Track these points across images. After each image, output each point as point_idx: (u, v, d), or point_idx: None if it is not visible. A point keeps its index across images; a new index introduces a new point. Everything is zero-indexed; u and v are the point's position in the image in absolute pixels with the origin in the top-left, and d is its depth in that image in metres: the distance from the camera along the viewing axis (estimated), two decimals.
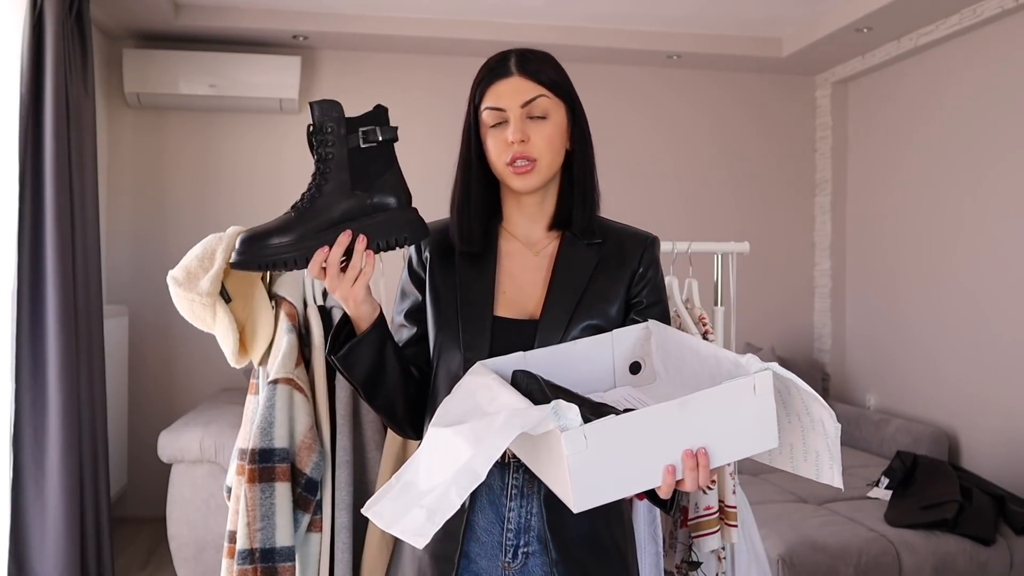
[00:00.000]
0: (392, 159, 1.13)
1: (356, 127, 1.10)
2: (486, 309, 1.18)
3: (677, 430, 0.92)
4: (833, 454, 0.95)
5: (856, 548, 2.65)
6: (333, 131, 1.09)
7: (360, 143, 1.10)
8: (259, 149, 4.15)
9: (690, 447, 0.92)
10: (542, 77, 1.18)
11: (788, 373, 0.95)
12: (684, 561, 1.81)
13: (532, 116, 1.16)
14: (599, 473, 0.89)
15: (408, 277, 1.28)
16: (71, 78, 2.80)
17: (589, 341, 1.14)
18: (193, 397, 4.02)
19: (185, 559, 2.95)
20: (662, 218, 4.37)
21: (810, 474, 0.97)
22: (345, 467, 1.67)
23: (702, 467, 0.92)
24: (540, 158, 1.16)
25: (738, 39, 4.20)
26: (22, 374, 2.63)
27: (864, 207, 4.40)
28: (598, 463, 0.88)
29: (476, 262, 1.22)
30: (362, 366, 1.15)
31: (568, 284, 1.19)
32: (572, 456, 0.87)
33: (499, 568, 1.14)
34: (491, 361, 1.11)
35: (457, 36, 3.96)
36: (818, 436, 0.96)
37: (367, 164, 1.11)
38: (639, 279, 1.23)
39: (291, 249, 1.06)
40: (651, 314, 1.21)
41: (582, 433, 0.87)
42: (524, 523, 1.14)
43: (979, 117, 3.58)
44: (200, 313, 1.64)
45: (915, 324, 3.97)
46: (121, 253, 4.01)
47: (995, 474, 3.36)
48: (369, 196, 1.10)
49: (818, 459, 0.96)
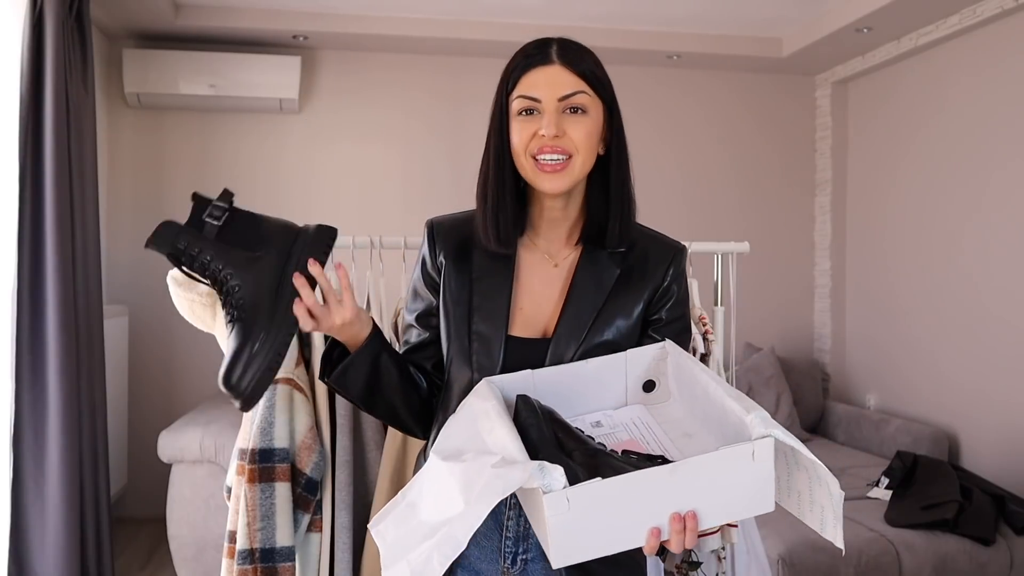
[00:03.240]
0: (252, 213, 1.07)
1: (200, 222, 1.03)
2: (500, 330, 1.13)
3: (666, 494, 0.89)
4: (836, 515, 0.91)
5: (856, 548, 2.65)
6: (187, 244, 1.02)
7: (217, 225, 1.03)
8: (259, 149, 4.15)
9: (679, 510, 0.89)
10: (584, 70, 1.10)
11: (792, 440, 0.90)
12: (684, 561, 1.81)
13: (569, 109, 1.08)
14: (580, 532, 0.87)
15: (421, 277, 1.22)
16: (71, 78, 2.80)
17: (601, 361, 1.10)
18: (193, 397, 4.01)
19: (185, 559, 2.95)
20: (662, 218, 4.34)
21: (815, 526, 0.94)
22: (345, 467, 1.67)
23: (689, 531, 0.89)
24: (576, 155, 1.08)
25: (738, 39, 4.20)
26: (22, 374, 2.63)
27: (864, 207, 4.40)
28: (580, 523, 0.87)
29: (494, 271, 1.15)
30: (357, 383, 1.12)
31: (584, 301, 1.13)
32: (552, 518, 0.85)
33: (499, 573, 1.12)
34: (498, 378, 1.08)
35: (457, 36, 3.96)
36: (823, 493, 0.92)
37: (241, 232, 1.04)
38: (662, 294, 1.16)
39: (278, 344, 1.00)
40: (670, 331, 1.16)
41: (565, 496, 0.85)
42: (523, 531, 1.12)
43: (979, 117, 3.57)
44: (200, 313, 1.64)
45: (915, 324, 3.97)
46: (121, 253, 4.01)
47: (995, 474, 3.36)
48: (272, 246, 1.04)
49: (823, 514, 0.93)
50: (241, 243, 1.03)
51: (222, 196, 1.05)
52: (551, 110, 1.08)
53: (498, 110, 1.12)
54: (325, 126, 4.17)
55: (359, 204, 4.17)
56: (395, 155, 4.23)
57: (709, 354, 1.85)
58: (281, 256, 1.04)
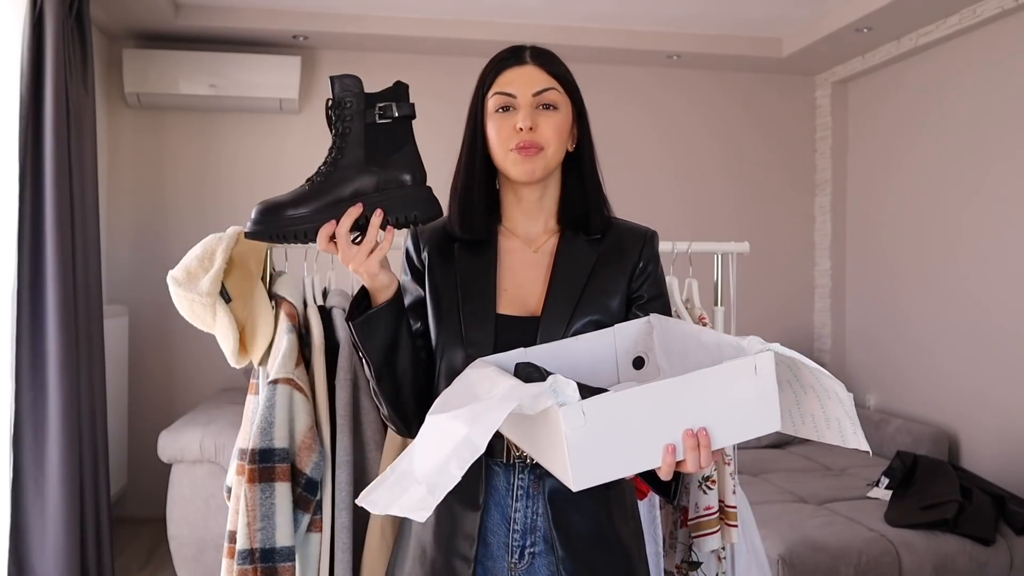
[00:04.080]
0: (408, 136, 1.13)
1: (374, 103, 1.11)
2: (489, 306, 1.18)
3: (677, 408, 0.91)
4: (853, 420, 0.95)
5: (856, 548, 2.65)
6: (351, 106, 1.10)
7: (376, 119, 1.10)
8: (259, 149, 4.15)
9: (691, 426, 0.91)
10: (555, 71, 1.19)
11: (791, 352, 0.95)
12: (684, 561, 1.81)
13: (542, 105, 1.17)
14: (598, 450, 0.88)
15: (407, 271, 1.28)
16: (71, 78, 2.80)
17: (591, 336, 1.13)
18: (193, 397, 4.02)
19: (185, 559, 2.95)
20: (662, 218, 4.34)
21: (836, 440, 0.96)
22: (345, 467, 1.67)
23: (703, 447, 0.91)
24: (547, 146, 1.16)
25: (738, 39, 4.20)
26: (22, 374, 2.63)
27: (864, 207, 4.40)
28: (597, 440, 0.87)
29: (476, 258, 1.21)
30: (379, 338, 1.13)
31: (569, 280, 1.19)
32: (570, 432, 0.86)
33: (505, 569, 1.13)
34: (492, 357, 1.10)
35: (457, 36, 3.96)
36: (835, 404, 0.96)
37: (383, 140, 1.11)
38: (640, 273, 1.22)
39: (305, 221, 1.06)
40: (652, 308, 1.20)
41: (580, 409, 0.86)
42: (530, 523, 1.13)
43: (979, 117, 3.58)
44: (200, 313, 1.64)
45: (915, 324, 3.97)
46: (121, 253, 4.01)
47: (995, 474, 3.36)
48: (384, 172, 1.10)
49: (840, 426, 0.96)
50: (375, 146, 1.10)
51: (405, 106, 1.12)
52: (526, 104, 1.16)
53: (474, 110, 1.22)
54: (325, 126, 4.16)
55: None
56: None
57: None
58: (376, 186, 1.09)
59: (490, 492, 1.14)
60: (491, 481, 1.15)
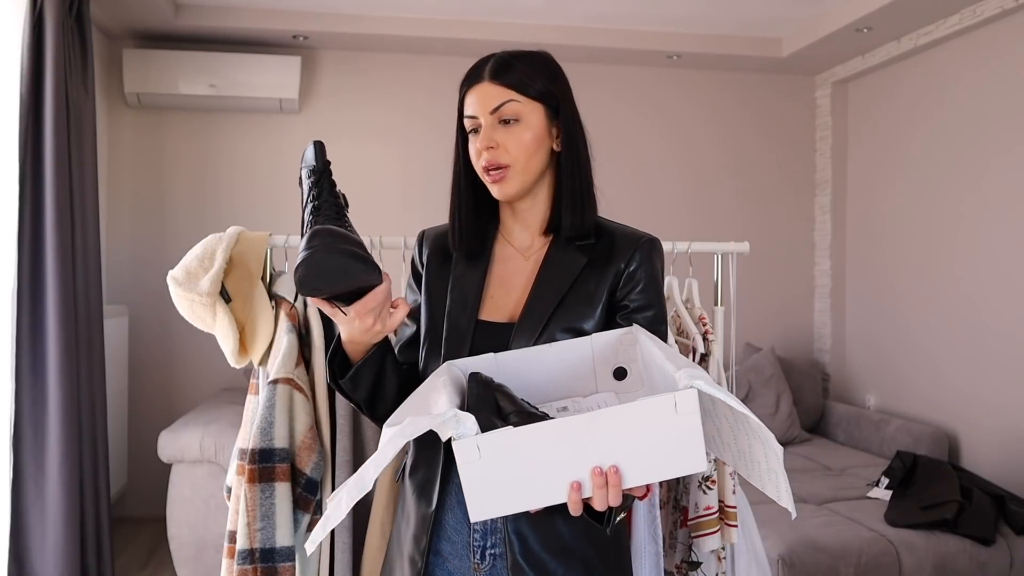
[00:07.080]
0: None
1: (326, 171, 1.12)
2: (471, 313, 1.18)
3: (584, 446, 0.86)
4: (781, 477, 0.87)
5: (856, 548, 2.65)
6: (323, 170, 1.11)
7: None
8: (259, 149, 4.15)
9: (600, 464, 0.87)
10: (512, 80, 1.15)
11: (720, 391, 0.85)
12: (684, 561, 1.81)
13: (503, 120, 1.15)
14: (495, 485, 0.86)
15: (411, 277, 1.30)
16: (71, 78, 2.80)
17: (564, 344, 1.11)
18: (193, 397, 4.02)
19: (185, 559, 2.95)
20: (662, 218, 4.37)
21: (772, 495, 0.89)
22: (345, 467, 1.67)
23: (612, 486, 0.87)
24: (513, 164, 1.15)
25: (738, 39, 4.20)
26: (22, 374, 2.63)
27: (864, 207, 4.40)
28: (494, 474, 0.85)
29: (471, 265, 1.23)
30: (365, 387, 1.15)
31: (550, 287, 1.17)
32: (464, 466, 0.85)
33: (470, 568, 1.13)
34: (460, 361, 1.10)
35: (457, 36, 3.96)
36: (772, 455, 0.87)
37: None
38: (627, 279, 1.17)
39: None
40: (639, 318, 1.16)
41: (475, 444, 0.84)
42: (491, 525, 1.13)
43: (979, 117, 3.58)
44: (200, 313, 1.64)
45: (915, 324, 3.97)
46: (121, 253, 4.01)
47: (995, 474, 3.36)
48: None
49: (777, 480, 0.88)
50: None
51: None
52: (486, 124, 1.15)
53: (457, 132, 1.22)
54: (325, 126, 4.17)
55: (358, 204, 4.12)
56: (395, 155, 4.23)
57: (709, 354, 1.85)
58: None
59: (453, 490, 1.14)
60: (455, 479, 1.14)
